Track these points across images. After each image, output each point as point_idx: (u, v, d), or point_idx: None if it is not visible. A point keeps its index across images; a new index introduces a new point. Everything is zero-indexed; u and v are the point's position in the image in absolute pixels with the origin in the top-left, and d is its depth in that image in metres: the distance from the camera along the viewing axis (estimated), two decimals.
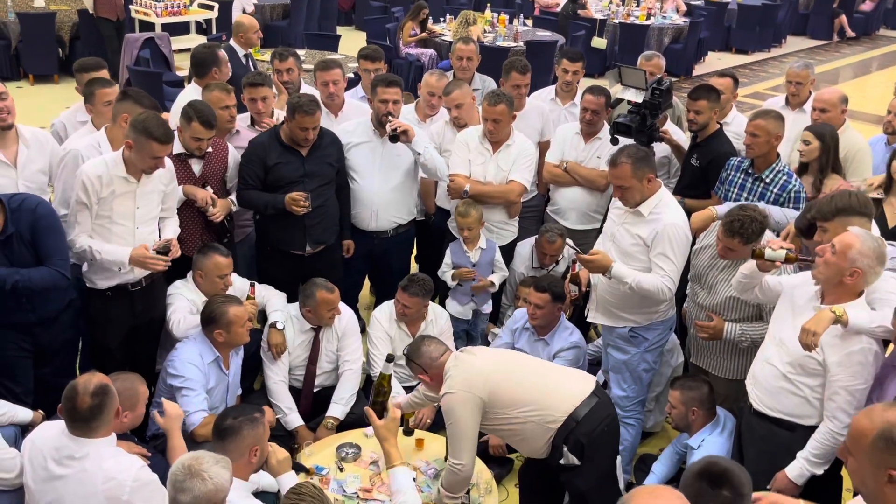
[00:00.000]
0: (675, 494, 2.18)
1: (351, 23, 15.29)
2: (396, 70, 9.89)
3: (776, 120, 4.63)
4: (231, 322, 4.07)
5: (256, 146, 4.77)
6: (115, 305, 4.25)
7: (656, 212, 4.05)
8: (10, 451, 3.27)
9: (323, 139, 4.82)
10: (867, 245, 3.34)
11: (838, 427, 3.37)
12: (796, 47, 16.33)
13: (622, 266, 4.04)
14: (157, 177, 4.15)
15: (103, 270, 4.15)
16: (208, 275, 4.42)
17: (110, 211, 4.05)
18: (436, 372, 3.60)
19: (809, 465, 3.47)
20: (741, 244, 3.93)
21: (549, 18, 12.86)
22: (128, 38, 9.66)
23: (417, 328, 4.77)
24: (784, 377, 3.54)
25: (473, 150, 5.05)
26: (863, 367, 3.37)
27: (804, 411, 3.52)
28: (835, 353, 3.38)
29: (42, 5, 11.18)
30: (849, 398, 3.37)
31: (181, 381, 3.99)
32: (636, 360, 4.29)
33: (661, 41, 12.61)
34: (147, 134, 3.89)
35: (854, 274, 3.34)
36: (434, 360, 3.61)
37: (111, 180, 4.00)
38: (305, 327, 4.59)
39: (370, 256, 5.18)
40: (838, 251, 3.35)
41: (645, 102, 4.93)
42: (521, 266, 5.33)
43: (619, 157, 4.03)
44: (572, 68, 5.80)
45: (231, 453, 3.06)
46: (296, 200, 4.60)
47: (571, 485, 3.61)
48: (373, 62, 5.82)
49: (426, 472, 4.03)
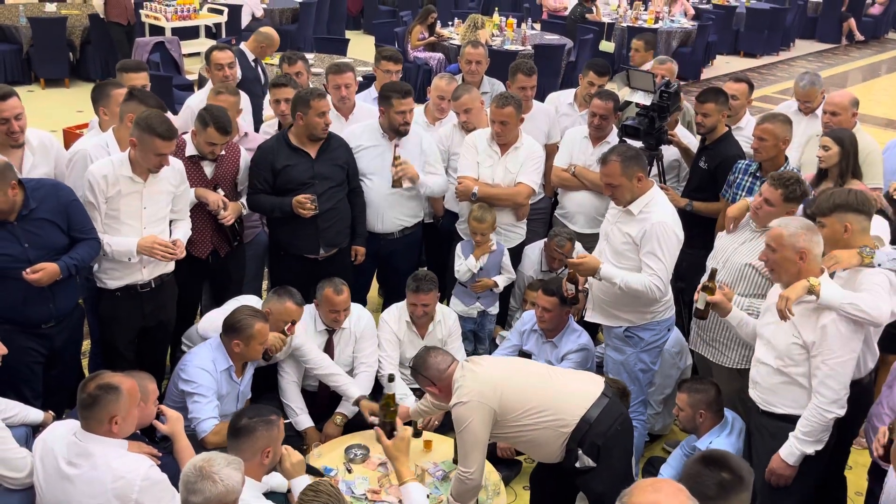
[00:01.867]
0: (675, 487, 2.19)
1: (359, 27, 15.34)
2: (405, 74, 9.91)
3: (784, 124, 4.63)
4: (252, 337, 4.02)
5: (264, 150, 4.79)
6: (125, 306, 4.28)
7: (646, 211, 4.07)
8: (20, 450, 3.28)
9: (331, 142, 4.84)
10: (792, 224, 3.48)
11: (824, 403, 3.42)
12: (805, 51, 16.30)
13: (610, 267, 4.08)
14: (165, 178, 4.18)
15: (113, 270, 4.19)
16: (275, 317, 4.25)
17: (117, 211, 4.09)
18: (444, 384, 3.58)
19: (799, 444, 3.50)
20: (782, 199, 3.97)
21: (557, 22, 12.87)
22: (138, 42, 9.74)
23: (426, 329, 4.79)
24: (778, 371, 3.58)
25: (482, 153, 5.06)
26: (838, 340, 3.41)
27: (806, 401, 3.53)
28: (808, 332, 3.45)
29: (53, 10, 11.26)
30: (829, 372, 3.42)
31: (193, 386, 3.99)
32: (632, 361, 4.29)
33: (669, 45, 12.59)
34: (150, 131, 3.92)
35: (803, 255, 3.43)
36: (442, 372, 3.59)
37: (117, 180, 4.04)
38: (320, 328, 4.62)
39: (376, 258, 5.20)
40: (775, 246, 3.48)
41: (653, 105, 4.94)
42: (529, 269, 5.34)
43: (609, 156, 4.07)
44: (598, 82, 5.69)
45: (244, 453, 3.07)
46: (302, 203, 4.62)
47: (588, 487, 3.59)
48: (395, 63, 5.84)
49: (434, 473, 4.04)
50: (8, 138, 4.19)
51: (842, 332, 3.41)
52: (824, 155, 4.69)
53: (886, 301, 3.47)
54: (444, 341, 4.82)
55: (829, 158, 4.66)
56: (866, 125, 6.06)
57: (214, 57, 5.72)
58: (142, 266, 4.22)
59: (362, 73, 8.07)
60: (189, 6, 11.19)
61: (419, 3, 13.98)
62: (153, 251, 4.08)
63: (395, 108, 4.92)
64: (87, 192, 4.04)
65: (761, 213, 4.08)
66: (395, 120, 4.94)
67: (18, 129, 4.21)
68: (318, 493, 2.85)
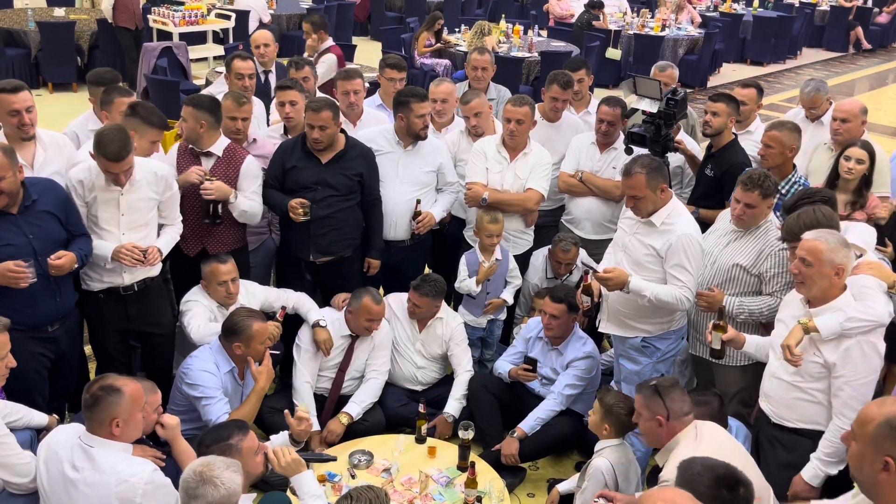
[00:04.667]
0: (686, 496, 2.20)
1: (366, 33, 15.37)
2: (411, 80, 9.92)
3: (791, 132, 4.62)
4: (252, 337, 4.06)
5: (282, 148, 4.83)
6: (108, 308, 4.30)
7: (668, 222, 4.05)
8: (25, 455, 3.28)
9: (349, 151, 4.78)
10: (830, 239, 3.43)
11: (846, 423, 3.38)
12: (812, 59, 16.28)
13: (639, 280, 4.04)
14: (145, 184, 4.18)
15: (93, 272, 4.21)
16: (210, 282, 4.49)
17: (95, 217, 4.12)
18: (670, 430, 3.33)
19: (823, 465, 3.47)
20: (761, 198, 4.01)
21: (563, 29, 12.88)
22: (146, 47, 9.77)
23: (425, 324, 4.84)
24: (794, 387, 3.56)
25: (491, 159, 5.06)
26: (863, 361, 3.40)
27: (821, 417, 3.53)
28: (832, 352, 3.42)
29: (62, 14, 11.31)
30: (853, 393, 3.39)
31: (200, 390, 4.00)
32: (648, 371, 4.27)
33: (675, 52, 12.59)
34: (97, 148, 3.93)
35: (839, 271, 3.41)
36: (678, 416, 3.34)
37: (93, 186, 4.07)
38: (344, 332, 4.65)
39: (386, 265, 5.19)
40: (811, 261, 3.41)
41: (659, 112, 4.93)
42: (534, 277, 5.32)
43: (634, 168, 4.03)
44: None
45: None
46: (293, 208, 4.62)
47: None
48: (399, 71, 5.83)
49: (438, 479, 4.03)
50: (19, 131, 4.22)
51: (866, 352, 3.40)
52: (857, 168, 4.67)
53: (881, 300, 3.47)
54: (445, 341, 4.86)
55: (861, 171, 4.66)
56: (873, 134, 6.05)
57: (236, 66, 5.65)
58: (122, 270, 4.22)
59: (368, 80, 8.08)
60: (197, 11, 11.23)
61: (426, 9, 14.01)
62: (119, 255, 4.08)
63: (415, 112, 4.87)
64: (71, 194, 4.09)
65: (746, 217, 4.09)
66: (415, 125, 4.90)
67: (29, 122, 4.24)
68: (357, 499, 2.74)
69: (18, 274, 3.72)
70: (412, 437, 4.36)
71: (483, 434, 4.58)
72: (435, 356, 4.92)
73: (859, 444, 2.39)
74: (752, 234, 4.15)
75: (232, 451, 3.10)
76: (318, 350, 4.61)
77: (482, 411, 4.66)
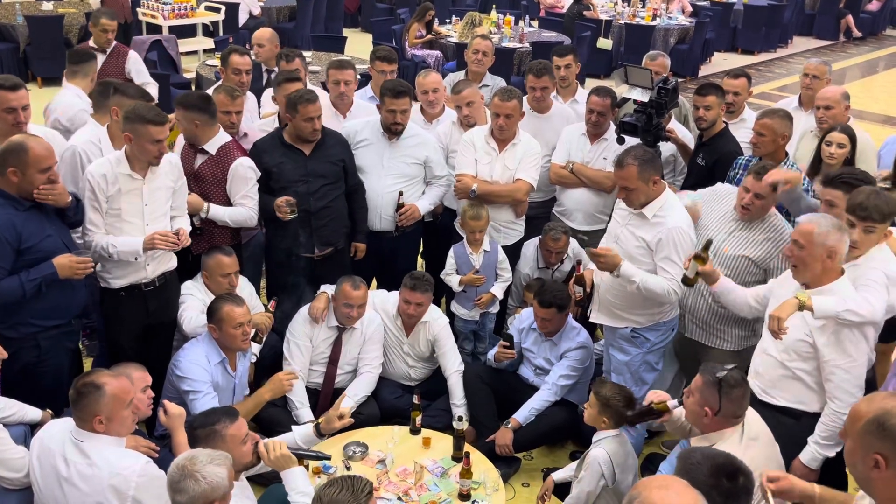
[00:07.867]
0: (682, 483, 2.21)
1: (357, 24, 15.32)
2: (402, 72, 9.90)
3: (783, 119, 4.63)
4: (221, 319, 4.06)
5: (257, 149, 4.79)
6: (129, 305, 4.28)
7: (660, 214, 4.05)
8: (18, 450, 3.28)
9: (327, 139, 4.83)
10: (823, 222, 3.42)
11: (841, 406, 3.41)
12: (802, 47, 16.30)
13: (630, 266, 4.04)
14: (163, 173, 4.17)
15: (117, 269, 4.18)
16: (212, 274, 4.48)
17: (119, 210, 4.08)
18: (715, 424, 3.19)
19: (820, 448, 3.50)
20: (771, 189, 4.01)
21: (554, 19, 12.86)
22: (135, 40, 9.71)
23: (411, 329, 4.82)
24: (781, 365, 3.58)
25: (480, 150, 5.05)
26: (854, 345, 3.42)
27: (806, 397, 3.56)
28: (823, 335, 3.44)
29: (50, 8, 11.23)
30: (846, 376, 3.42)
31: (188, 383, 4.01)
32: (637, 361, 4.28)
33: (666, 42, 12.59)
34: (141, 120, 3.93)
35: (831, 254, 3.40)
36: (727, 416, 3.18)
37: (116, 178, 4.04)
38: (332, 323, 4.64)
39: (377, 256, 5.19)
40: (804, 243, 3.42)
41: (651, 102, 4.92)
42: (525, 267, 5.31)
43: (626, 159, 4.01)
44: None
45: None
46: (279, 207, 4.61)
47: None
48: (389, 63, 5.82)
49: (433, 470, 4.04)
50: (13, 128, 4.20)
51: (858, 336, 3.42)
52: (839, 153, 4.68)
53: (882, 298, 3.47)
54: (431, 343, 4.83)
55: (843, 155, 4.68)
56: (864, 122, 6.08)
57: (234, 61, 5.64)
58: (146, 263, 4.21)
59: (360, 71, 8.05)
60: (186, 4, 11.17)
61: (417, 0, 13.97)
62: (154, 242, 4.05)
63: (386, 106, 4.92)
64: (88, 194, 4.03)
65: (754, 208, 4.09)
66: (386, 119, 4.95)
67: (24, 120, 4.25)
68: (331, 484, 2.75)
69: (86, 266, 3.81)
70: (407, 428, 4.36)
71: (478, 424, 4.59)
72: (425, 357, 4.92)
73: (851, 441, 2.39)
74: (760, 226, 4.15)
75: (216, 436, 3.09)
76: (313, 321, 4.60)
77: (477, 402, 4.66)
